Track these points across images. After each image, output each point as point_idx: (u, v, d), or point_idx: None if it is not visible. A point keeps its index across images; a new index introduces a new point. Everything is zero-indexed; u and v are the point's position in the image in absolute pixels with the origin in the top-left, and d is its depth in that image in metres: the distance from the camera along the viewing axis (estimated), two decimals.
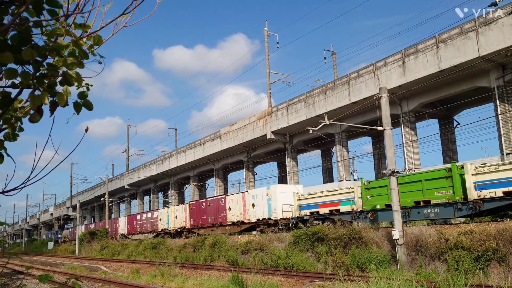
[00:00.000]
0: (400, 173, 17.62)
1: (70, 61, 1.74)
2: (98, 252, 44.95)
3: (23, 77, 1.67)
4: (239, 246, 25.47)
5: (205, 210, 35.20)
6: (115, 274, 24.42)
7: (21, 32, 1.57)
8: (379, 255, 17.53)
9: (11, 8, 1.62)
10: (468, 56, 24.52)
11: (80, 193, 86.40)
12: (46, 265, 34.67)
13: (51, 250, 66.95)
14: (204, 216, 35.13)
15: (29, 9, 1.53)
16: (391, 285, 9.58)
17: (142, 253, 35.28)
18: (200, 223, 35.58)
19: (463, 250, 14.73)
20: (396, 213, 17.03)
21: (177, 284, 17.16)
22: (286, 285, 15.49)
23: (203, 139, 49.90)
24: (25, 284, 18.37)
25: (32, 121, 1.81)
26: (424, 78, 26.80)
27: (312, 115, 34.48)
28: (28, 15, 1.60)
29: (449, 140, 33.16)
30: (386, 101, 18.09)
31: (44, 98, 1.72)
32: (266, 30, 42.99)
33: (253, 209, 29.54)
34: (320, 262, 20.01)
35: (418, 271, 15.06)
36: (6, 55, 1.56)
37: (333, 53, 48.07)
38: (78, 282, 3.19)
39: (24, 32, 1.58)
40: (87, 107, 1.98)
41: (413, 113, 30.71)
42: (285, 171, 42.72)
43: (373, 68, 30.34)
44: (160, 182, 64.45)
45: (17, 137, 2.16)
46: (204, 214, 35.28)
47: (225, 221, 32.44)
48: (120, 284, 18.04)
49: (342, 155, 35.77)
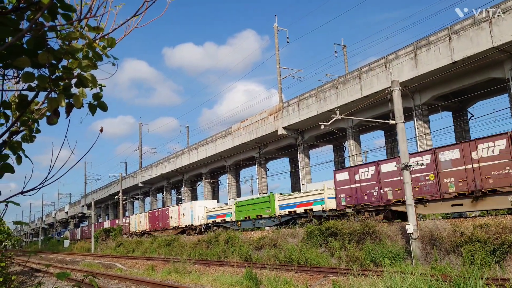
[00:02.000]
0: (412, 167, 17.47)
1: (85, 64, 1.77)
2: (113, 249, 45.54)
3: (40, 80, 1.71)
4: (252, 242, 25.58)
5: (157, 218, 46.02)
6: (130, 271, 24.72)
7: (37, 37, 1.61)
8: (393, 250, 17.46)
9: (27, 14, 1.65)
10: (482, 47, 24.14)
11: (94, 192, 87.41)
12: (63, 263, 35.23)
13: (67, 248, 67.99)
14: (157, 222, 46.04)
15: (44, 14, 1.57)
16: (406, 280, 9.53)
17: (156, 250, 35.65)
18: (154, 227, 46.21)
19: (479, 243, 14.59)
20: (409, 207, 16.92)
21: (191, 280, 17.31)
22: (300, 280, 15.52)
23: (215, 136, 50.05)
24: (43, 282, 18.71)
25: (50, 123, 1.85)
26: (437, 70, 26.47)
27: (323, 110, 34.33)
28: (44, 20, 1.63)
29: (463, 132, 32.74)
30: (398, 95, 17.94)
31: (60, 101, 1.76)
32: (275, 26, 42.85)
33: (183, 218, 40.45)
34: (334, 257, 20.00)
35: (433, 265, 14.96)
36: (23, 59, 1.60)
37: (343, 47, 47.75)
38: (95, 279, 3.26)
39: (40, 37, 1.62)
40: (102, 108, 2.02)
41: (426, 106, 30.38)
42: (297, 166, 42.65)
43: (384, 62, 30.07)
44: (172, 179, 64.86)
45: (34, 139, 2.21)
46: (156, 220, 46.07)
47: (168, 226, 43.17)
48: (136, 281, 18.27)
49: (354, 150, 35.58)
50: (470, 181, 17.70)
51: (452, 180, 18.39)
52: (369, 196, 22.32)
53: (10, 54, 1.65)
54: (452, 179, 18.41)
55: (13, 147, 2.03)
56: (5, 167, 1.94)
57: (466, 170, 17.89)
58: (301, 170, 40.62)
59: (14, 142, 2.04)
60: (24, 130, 2.09)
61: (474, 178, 17.50)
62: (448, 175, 18.59)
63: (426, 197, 19.37)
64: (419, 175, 19.49)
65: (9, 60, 1.64)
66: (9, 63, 1.66)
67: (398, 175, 20.02)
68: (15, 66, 1.66)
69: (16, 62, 1.60)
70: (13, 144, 2.03)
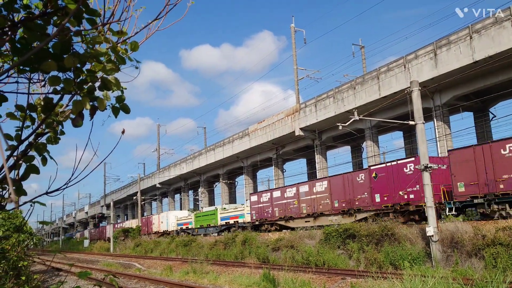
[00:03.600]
0: (432, 168, 17.23)
1: (109, 67, 1.80)
2: (132, 249, 46.07)
3: (66, 83, 1.74)
4: (269, 243, 25.55)
5: (145, 223, 56.64)
6: (148, 271, 24.98)
7: (64, 42, 1.64)
8: (412, 252, 17.22)
9: (53, 19, 1.69)
10: (504, 46, 23.64)
11: (113, 192, 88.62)
12: (83, 262, 35.81)
13: (87, 247, 69.08)
14: (144, 227, 56.24)
15: (70, 19, 1.60)
16: (426, 283, 9.39)
17: (174, 251, 35.93)
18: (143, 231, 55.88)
19: (501, 246, 14.27)
20: (430, 209, 16.67)
21: (209, 281, 17.38)
22: (318, 282, 15.43)
23: (232, 137, 50.21)
24: (66, 281, 19.05)
25: (76, 126, 1.89)
26: (457, 70, 26.02)
27: (341, 111, 34.11)
28: (70, 25, 1.67)
29: (484, 133, 32.07)
30: (417, 95, 17.71)
31: (85, 104, 1.79)
32: (292, 26, 42.77)
33: (162, 224, 50.78)
34: (352, 259, 19.83)
35: (454, 268, 14.70)
36: (50, 63, 1.63)
37: (361, 47, 47.34)
38: (115, 278, 3.30)
39: (66, 41, 1.65)
40: (125, 110, 2.05)
41: (446, 106, 29.88)
42: (314, 167, 42.46)
43: (403, 61, 29.70)
44: (190, 180, 65.30)
45: (59, 140, 2.25)
46: (144, 226, 56.43)
47: (152, 231, 53.26)
48: (154, 281, 18.44)
49: (372, 151, 35.22)
50: (312, 206, 27.62)
51: (304, 205, 28.49)
52: (267, 213, 32.09)
53: (37, 59, 1.69)
54: (305, 204, 28.43)
55: (39, 149, 2.08)
56: (31, 168, 1.99)
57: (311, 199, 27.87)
58: (319, 172, 40.41)
59: (39, 143, 2.09)
60: (49, 132, 2.13)
61: (313, 204, 27.68)
62: (303, 202, 28.74)
63: (293, 215, 29.49)
64: (290, 200, 29.88)
65: (36, 64, 1.68)
66: (36, 67, 1.70)
67: (285, 199, 30.24)
68: (42, 70, 1.70)
69: (43, 66, 1.63)
70: (39, 145, 2.08)
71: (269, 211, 31.72)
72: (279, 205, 30.75)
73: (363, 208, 23.89)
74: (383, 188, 22.69)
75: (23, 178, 1.98)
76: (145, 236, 53.33)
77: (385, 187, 22.52)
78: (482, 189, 17.95)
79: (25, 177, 2.02)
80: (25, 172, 2.00)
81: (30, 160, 2.03)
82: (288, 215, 29.61)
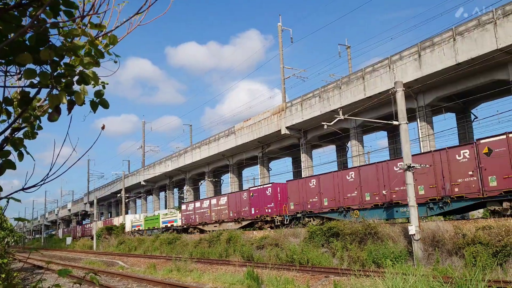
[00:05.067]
0: (415, 167, 17.46)
1: (87, 61, 1.77)
2: (115, 247, 45.63)
3: (42, 77, 1.71)
4: (254, 241, 25.57)
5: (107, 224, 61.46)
6: (132, 269, 24.77)
7: (39, 33, 1.61)
8: (395, 251, 17.43)
9: (29, 10, 1.66)
10: (486, 49, 24.06)
11: (97, 189, 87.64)
12: (65, 260, 35.33)
13: (69, 245, 68.18)
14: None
15: (46, 11, 1.57)
16: (407, 281, 9.51)
17: (158, 248, 35.71)
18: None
19: (481, 245, 14.54)
20: (412, 208, 16.89)
21: (193, 279, 17.32)
22: (302, 280, 15.51)
23: (218, 135, 50.08)
24: (45, 279, 18.77)
25: (51, 120, 1.85)
26: (441, 72, 26.39)
27: (326, 110, 34.30)
28: (46, 16, 1.63)
29: (466, 134, 32.63)
30: (401, 95, 17.90)
31: (62, 98, 1.76)
32: (279, 25, 42.82)
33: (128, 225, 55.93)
34: (336, 258, 19.98)
35: (435, 266, 14.92)
36: (25, 55, 1.60)
37: (347, 47, 47.66)
38: (96, 276, 3.26)
39: (42, 33, 1.62)
40: (103, 105, 2.02)
41: (430, 107, 30.29)
42: (300, 166, 42.62)
43: (388, 62, 30.00)
44: (175, 178, 64.96)
45: (36, 135, 2.21)
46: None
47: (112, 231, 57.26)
48: (137, 279, 18.30)
49: (357, 150, 35.52)
50: (218, 215, 36.40)
51: (214, 214, 37.34)
52: (191, 219, 40.77)
53: (12, 51, 1.65)
54: (214, 213, 37.42)
55: (15, 144, 2.03)
56: (6, 163, 1.94)
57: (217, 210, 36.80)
58: (304, 170, 40.58)
59: (16, 138, 2.04)
60: (26, 127, 2.09)
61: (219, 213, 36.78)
62: (213, 212, 37.71)
63: (206, 221, 38.15)
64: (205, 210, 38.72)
65: (11, 57, 1.65)
66: (11, 59, 1.66)
67: (202, 209, 38.86)
68: (17, 62, 1.66)
69: (18, 58, 1.60)
70: (15, 140, 2.04)
71: (192, 218, 40.51)
72: (199, 213, 39.57)
73: (245, 217, 32.68)
74: (256, 204, 31.26)
75: None
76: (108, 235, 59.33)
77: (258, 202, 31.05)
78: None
79: (1, 172, 1.97)
80: (1, 167, 1.96)
81: (6, 155, 1.99)
82: (204, 221, 38.46)
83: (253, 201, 31.42)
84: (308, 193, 26.18)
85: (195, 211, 40.02)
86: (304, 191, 26.48)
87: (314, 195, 25.75)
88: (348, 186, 23.53)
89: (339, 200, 23.91)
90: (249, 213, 31.77)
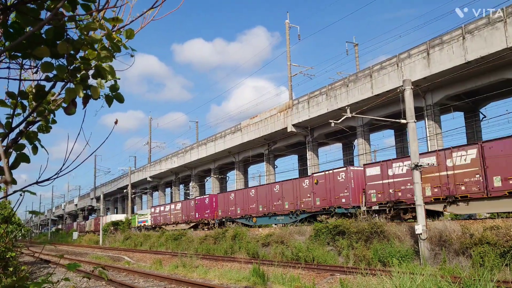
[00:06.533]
0: (423, 166, 17.36)
1: (104, 55, 1.77)
2: (121, 242, 45.89)
3: (59, 70, 1.70)
4: (259, 238, 25.59)
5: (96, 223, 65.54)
6: (138, 264, 24.90)
7: (57, 27, 1.60)
8: (401, 250, 17.37)
9: (47, 3, 1.65)
10: (496, 47, 23.81)
11: (103, 185, 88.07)
12: (72, 255, 35.59)
13: (75, 240, 68.67)
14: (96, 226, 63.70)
15: (65, 4, 1.56)
16: (415, 280, 9.47)
17: (163, 244, 35.85)
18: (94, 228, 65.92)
19: (489, 245, 14.45)
20: (419, 207, 16.81)
21: (198, 275, 17.38)
22: (307, 278, 15.50)
23: (224, 132, 50.10)
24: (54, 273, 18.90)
25: (68, 113, 1.85)
26: (450, 70, 26.18)
27: (333, 108, 34.17)
28: (64, 10, 1.62)
29: (475, 133, 32.37)
30: (410, 94, 17.79)
31: (78, 91, 1.75)
32: (287, 22, 42.68)
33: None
34: (341, 256, 19.94)
35: (442, 266, 14.85)
36: (43, 49, 1.59)
37: (355, 45, 47.43)
38: (104, 271, 3.27)
39: (60, 27, 1.61)
40: (119, 99, 2.01)
41: (438, 106, 30.08)
42: (306, 164, 42.55)
43: (396, 60, 29.81)
44: (181, 174, 65.10)
45: (50, 129, 2.21)
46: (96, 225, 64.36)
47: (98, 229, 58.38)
48: (143, 274, 18.39)
49: (364, 149, 35.38)
50: (175, 217, 45.51)
51: (172, 216, 46.22)
52: (157, 220, 49.33)
53: (29, 44, 1.64)
54: (172, 216, 45.94)
55: (30, 137, 2.03)
56: (21, 156, 1.95)
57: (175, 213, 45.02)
58: (310, 168, 40.51)
59: (30, 132, 2.04)
60: (40, 121, 2.09)
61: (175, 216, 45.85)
62: (172, 215, 46.83)
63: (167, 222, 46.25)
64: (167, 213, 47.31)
65: (28, 50, 1.64)
66: (28, 52, 1.66)
67: (165, 212, 47.56)
68: (34, 56, 1.66)
69: (36, 51, 1.59)
70: (30, 134, 2.04)
71: (158, 219, 49.28)
72: (163, 215, 48.39)
73: (192, 220, 41.19)
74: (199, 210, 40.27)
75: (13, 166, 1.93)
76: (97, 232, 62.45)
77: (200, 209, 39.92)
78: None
79: (15, 165, 1.98)
80: (16, 160, 1.96)
81: (20, 148, 1.99)
82: (166, 222, 46.88)
83: (197, 207, 40.43)
84: (229, 204, 35.40)
85: (160, 214, 49.07)
86: (227, 202, 35.78)
87: (232, 205, 34.80)
88: (251, 200, 32.66)
89: (245, 209, 33.26)
90: (195, 217, 40.75)
